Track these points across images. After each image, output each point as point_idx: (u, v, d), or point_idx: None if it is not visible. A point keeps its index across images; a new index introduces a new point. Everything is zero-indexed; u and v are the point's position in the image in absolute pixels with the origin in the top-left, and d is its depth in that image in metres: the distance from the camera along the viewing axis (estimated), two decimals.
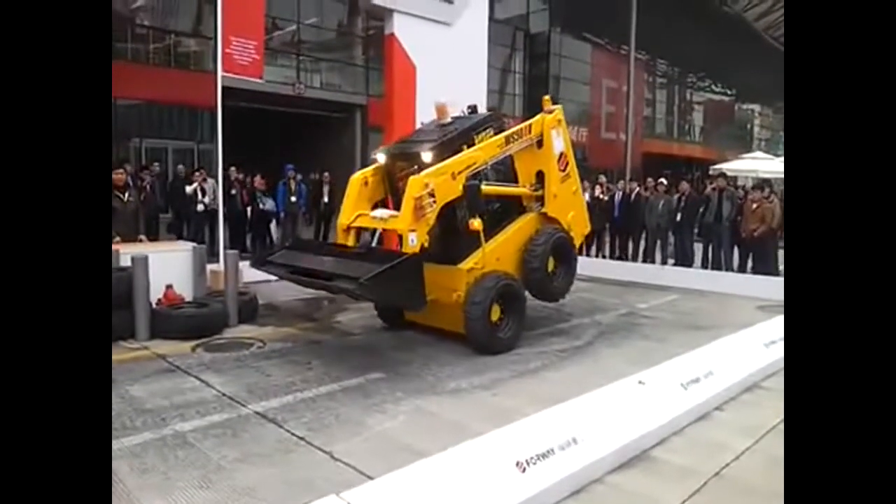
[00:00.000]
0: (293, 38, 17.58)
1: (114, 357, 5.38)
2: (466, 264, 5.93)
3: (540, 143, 6.69)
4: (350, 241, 6.00)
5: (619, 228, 12.24)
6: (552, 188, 6.73)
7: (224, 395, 4.63)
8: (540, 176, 6.76)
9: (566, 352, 6.09)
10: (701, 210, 10.79)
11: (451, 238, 5.91)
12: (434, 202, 5.44)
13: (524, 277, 6.35)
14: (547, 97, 7.20)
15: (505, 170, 6.71)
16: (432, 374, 5.22)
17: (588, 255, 12.30)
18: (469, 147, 6.14)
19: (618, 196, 12.23)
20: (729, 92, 38.08)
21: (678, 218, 10.93)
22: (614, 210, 12.10)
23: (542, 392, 4.70)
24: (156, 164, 11.96)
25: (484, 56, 11.41)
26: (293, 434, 3.92)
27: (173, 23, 15.90)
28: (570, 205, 6.99)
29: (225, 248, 8.44)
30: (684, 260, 10.98)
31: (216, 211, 9.46)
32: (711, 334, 5.94)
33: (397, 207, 6.07)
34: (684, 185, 11.49)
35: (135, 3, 15.48)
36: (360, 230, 6.11)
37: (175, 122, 16.20)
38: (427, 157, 5.86)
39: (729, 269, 10.36)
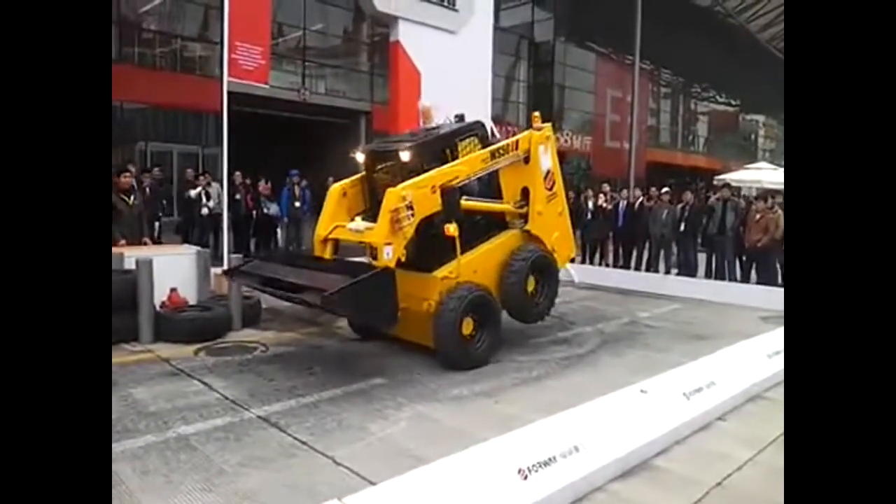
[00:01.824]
0: (298, 43, 17.67)
1: (117, 359, 5.41)
2: (440, 272, 5.69)
3: (527, 160, 6.50)
4: (327, 253, 5.84)
5: (622, 237, 12.25)
6: (537, 206, 6.51)
7: (227, 398, 4.64)
8: (525, 193, 6.54)
9: (568, 360, 6.09)
10: (704, 220, 10.79)
11: (426, 246, 5.64)
12: (412, 215, 5.27)
13: (502, 295, 6.04)
14: (536, 114, 7.07)
15: (487, 184, 6.47)
16: (434, 381, 5.22)
17: (591, 263, 12.33)
18: (451, 152, 6.03)
19: (621, 205, 12.24)
20: (733, 102, 38.13)
21: (682, 228, 10.93)
22: (618, 219, 12.11)
23: (543, 400, 4.70)
24: (157, 168, 12.00)
25: (488, 64, 11.46)
26: (295, 439, 3.93)
27: (180, 27, 16.01)
28: (554, 225, 6.78)
29: (229, 252, 8.47)
30: (687, 270, 10.98)
31: (220, 215, 9.50)
32: (714, 344, 5.94)
33: (375, 217, 5.88)
34: (688, 195, 11.51)
35: (142, 7, 15.59)
36: (337, 242, 5.92)
37: (180, 126, 16.27)
38: (405, 155, 5.72)
39: (732, 279, 10.34)
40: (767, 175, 19.09)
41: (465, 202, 5.88)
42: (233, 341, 6.33)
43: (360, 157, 6.28)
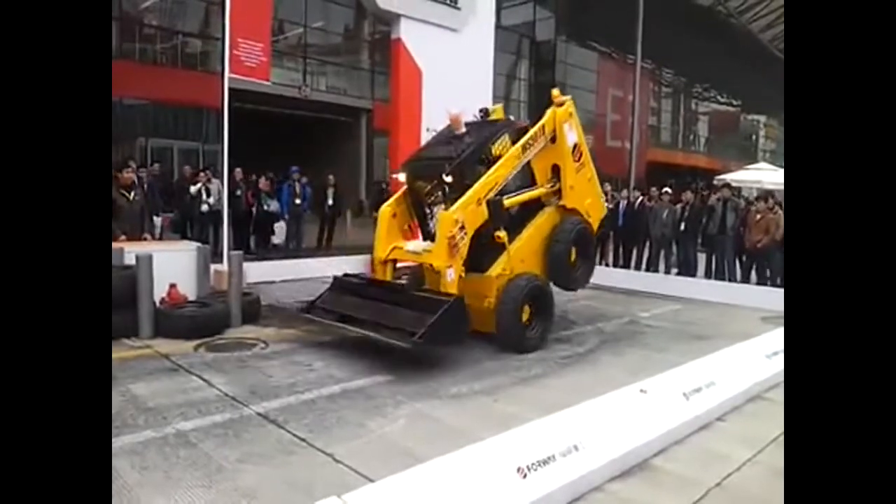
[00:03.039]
0: (300, 40, 17.65)
1: (117, 355, 5.40)
2: (494, 270, 6.16)
3: (553, 139, 6.75)
4: (388, 275, 6.35)
5: (622, 237, 12.24)
6: (568, 181, 6.83)
7: (226, 395, 4.63)
8: (555, 169, 6.87)
9: (568, 359, 6.09)
10: (704, 220, 10.78)
11: (478, 247, 6.02)
12: (465, 234, 5.71)
13: (547, 269, 6.59)
14: (556, 90, 7.20)
15: (521, 172, 6.76)
16: (433, 379, 5.22)
17: None
18: (488, 157, 6.33)
19: (622, 204, 12.22)
20: (734, 102, 38.14)
21: (682, 228, 10.93)
22: (618, 218, 12.10)
23: (543, 398, 4.70)
24: (156, 164, 11.99)
25: (490, 62, 11.46)
26: (294, 435, 3.93)
27: (181, 24, 15.99)
28: (586, 192, 7.10)
29: (229, 248, 8.46)
30: (688, 270, 10.98)
31: (220, 211, 9.49)
32: (714, 344, 5.93)
33: (423, 230, 6.45)
34: (688, 195, 11.49)
35: (143, 3, 15.58)
36: (396, 262, 6.42)
37: (181, 122, 16.26)
38: (448, 178, 6.11)
39: (732, 279, 10.34)
40: (768, 175, 19.08)
41: (507, 201, 6.19)
42: (232, 338, 6.32)
43: (402, 177, 6.70)
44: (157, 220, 10.76)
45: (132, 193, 7.43)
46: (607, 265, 12.30)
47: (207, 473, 3.37)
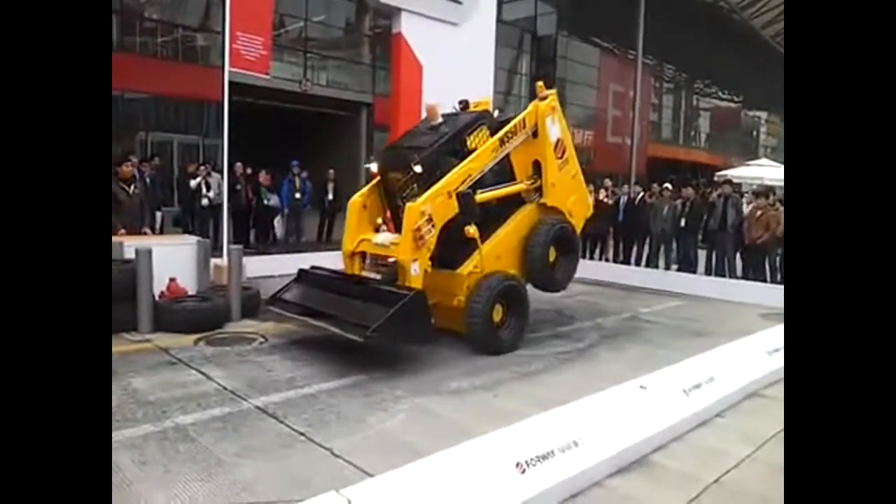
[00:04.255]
0: (300, 34, 17.59)
1: (116, 349, 5.40)
2: (466, 268, 5.89)
3: (535, 133, 6.49)
4: (356, 268, 6.15)
5: (622, 233, 12.23)
6: (550, 178, 6.55)
7: (225, 389, 4.63)
8: (537, 165, 6.58)
9: (568, 355, 6.09)
10: (705, 216, 10.77)
11: (450, 242, 5.78)
12: (433, 227, 5.45)
13: (525, 270, 6.34)
14: (541, 83, 6.91)
15: (500, 165, 6.42)
16: (433, 374, 5.22)
17: (591, 258, 12.31)
18: (462, 149, 6.05)
19: (622, 200, 12.22)
20: (736, 99, 38.04)
21: (682, 224, 10.92)
22: (618, 214, 12.09)
23: (542, 394, 4.70)
24: (155, 157, 11.98)
25: (491, 57, 11.41)
26: (293, 430, 3.93)
27: (181, 17, 15.93)
28: (569, 190, 6.83)
29: (229, 242, 8.46)
30: (688, 266, 10.97)
31: (220, 205, 9.48)
32: (713, 341, 5.92)
33: (396, 223, 6.16)
34: (689, 191, 11.48)
35: None
36: (364, 255, 6.21)
37: (182, 116, 16.22)
38: (418, 168, 5.80)
39: (732, 275, 10.34)
40: (769, 172, 19.08)
41: (480, 195, 5.91)
42: (232, 332, 6.32)
43: (374, 167, 6.47)
44: (159, 215, 10.77)
45: (132, 187, 7.42)
46: (607, 261, 12.31)
47: (206, 467, 3.38)
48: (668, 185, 11.89)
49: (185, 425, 3.93)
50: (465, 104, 6.83)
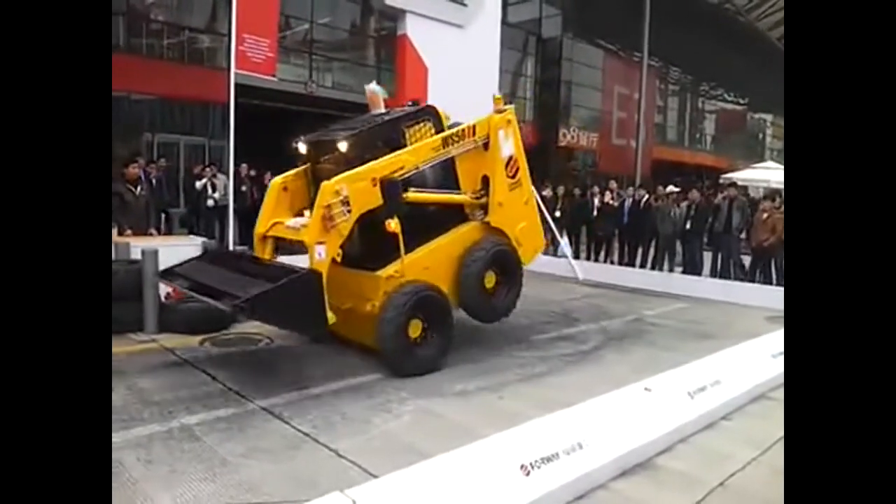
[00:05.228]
0: (306, 36, 17.65)
1: (122, 349, 5.44)
2: (386, 271, 5.29)
3: (486, 146, 6.02)
4: (267, 253, 5.61)
5: (627, 235, 12.22)
6: (497, 196, 6.01)
7: (231, 389, 4.65)
8: (486, 181, 6.06)
9: (572, 357, 6.08)
10: (710, 219, 10.75)
11: (373, 241, 5.29)
12: (349, 211, 4.89)
13: (458, 291, 5.72)
14: (498, 96, 6.44)
15: (447, 173, 5.90)
16: (437, 375, 5.22)
17: (596, 260, 12.31)
18: (401, 140, 5.59)
19: (627, 202, 12.20)
20: (741, 101, 37.95)
21: (687, 226, 10.90)
22: (623, 216, 12.08)
23: (547, 396, 4.70)
24: (162, 159, 12.03)
25: (496, 59, 11.44)
26: (299, 430, 3.94)
27: (188, 19, 16.00)
28: (519, 215, 6.27)
29: (235, 243, 8.49)
30: (693, 268, 10.95)
31: (226, 206, 9.51)
32: (719, 344, 5.91)
33: None
34: (694, 194, 11.46)
35: None
36: (277, 239, 5.65)
37: (187, 117, 16.27)
38: (343, 146, 5.27)
39: (738, 278, 10.31)
40: (775, 174, 19.01)
41: (414, 195, 5.40)
42: (238, 333, 6.34)
43: (302, 147, 5.80)
44: (165, 216, 10.81)
45: (138, 188, 7.46)
46: (612, 263, 12.30)
47: (212, 467, 3.39)
48: (674, 188, 11.86)
49: (191, 425, 3.95)
50: (415, 104, 6.47)
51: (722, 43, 29.30)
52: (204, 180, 11.05)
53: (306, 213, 5.43)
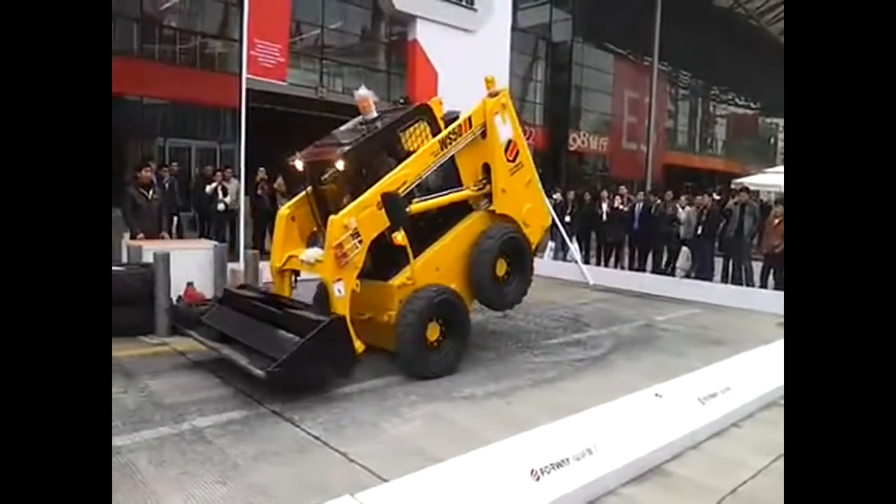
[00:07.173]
0: (317, 42, 17.76)
1: (134, 352, 5.50)
2: (397, 280, 5.32)
3: (484, 134, 5.89)
4: (286, 288, 5.60)
5: (637, 240, 12.17)
6: (500, 183, 5.94)
7: (242, 392, 4.67)
8: (487, 169, 5.98)
9: (582, 362, 6.06)
10: (722, 224, 10.69)
11: (383, 251, 5.26)
12: (360, 242, 4.88)
13: (470, 284, 5.72)
14: (490, 77, 6.21)
15: (446, 169, 5.81)
16: (447, 380, 5.22)
17: (607, 265, 12.27)
18: (398, 146, 5.55)
19: (638, 207, 12.16)
20: (752, 105, 37.77)
21: (699, 231, 10.85)
22: (634, 221, 12.04)
23: (557, 401, 4.69)
24: (174, 163, 12.14)
25: (506, 64, 11.47)
26: (309, 434, 3.95)
27: (200, 25, 16.16)
28: (523, 197, 6.19)
29: (245, 247, 8.54)
30: (704, 274, 10.89)
31: (237, 211, 9.57)
32: (730, 349, 5.88)
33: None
34: (705, 199, 11.41)
35: (164, 4, 15.77)
36: (295, 273, 5.64)
37: (199, 122, 16.42)
38: (340, 164, 5.20)
39: (749, 284, 10.24)
40: None
41: (417, 204, 5.42)
42: None
43: (299, 165, 5.61)
44: (177, 219, 10.87)
45: (150, 192, 7.52)
46: (622, 268, 12.25)
47: (223, 470, 3.41)
48: (688, 192, 11.82)
49: (202, 428, 3.97)
50: (405, 101, 6.38)
51: (733, 47, 29.20)
52: (214, 184, 11.12)
53: (321, 238, 5.41)
